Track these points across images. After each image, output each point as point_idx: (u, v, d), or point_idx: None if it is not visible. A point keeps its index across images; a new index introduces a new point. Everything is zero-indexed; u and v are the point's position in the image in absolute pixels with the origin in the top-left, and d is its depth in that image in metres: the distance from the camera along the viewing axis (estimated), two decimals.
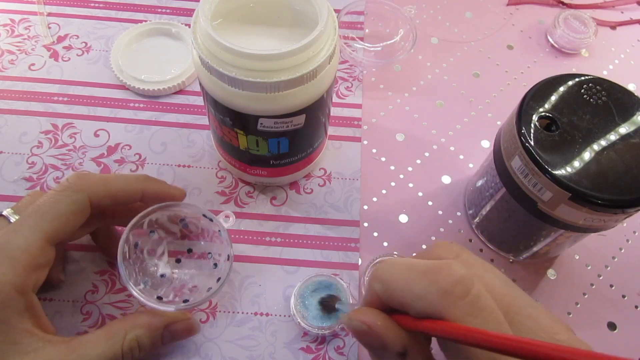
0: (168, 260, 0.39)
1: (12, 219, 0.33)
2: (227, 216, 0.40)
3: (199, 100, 0.49)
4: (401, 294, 0.23)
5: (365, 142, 0.48)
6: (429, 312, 0.22)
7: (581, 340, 0.24)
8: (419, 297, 0.22)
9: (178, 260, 0.40)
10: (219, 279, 0.37)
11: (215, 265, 0.39)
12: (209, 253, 0.40)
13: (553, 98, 0.35)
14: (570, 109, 0.34)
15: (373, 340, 0.23)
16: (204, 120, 0.48)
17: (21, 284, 0.30)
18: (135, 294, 0.34)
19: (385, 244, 0.44)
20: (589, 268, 0.43)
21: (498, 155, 0.37)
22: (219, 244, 0.39)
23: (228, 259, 0.37)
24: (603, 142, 0.33)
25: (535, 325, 0.23)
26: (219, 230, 0.38)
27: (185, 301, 0.36)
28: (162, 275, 0.39)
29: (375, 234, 0.44)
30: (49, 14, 0.54)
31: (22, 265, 0.30)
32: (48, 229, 0.31)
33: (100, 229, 0.39)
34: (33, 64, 0.50)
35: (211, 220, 0.38)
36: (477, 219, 0.44)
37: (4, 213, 0.34)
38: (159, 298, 0.36)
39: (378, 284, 0.24)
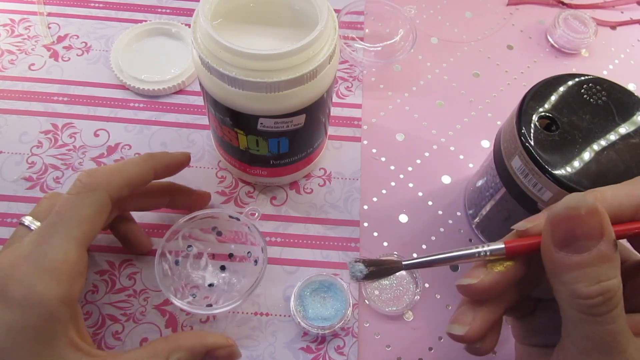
0: (213, 269, 0.40)
1: (34, 227, 0.33)
2: (252, 214, 0.42)
3: (199, 100, 0.49)
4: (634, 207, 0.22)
5: (365, 142, 0.48)
6: None
7: None
8: None
9: (222, 267, 0.41)
10: (257, 279, 0.38)
11: (256, 262, 0.40)
12: (249, 252, 0.41)
13: (553, 98, 0.35)
14: (570, 109, 0.34)
15: (595, 223, 0.22)
16: (204, 120, 0.48)
17: (67, 295, 0.29)
18: (183, 307, 0.36)
19: (385, 244, 0.44)
20: None
21: (498, 155, 0.37)
22: (252, 241, 0.40)
23: (262, 251, 0.38)
24: (603, 142, 0.33)
25: None
26: (249, 227, 0.39)
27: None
28: (210, 285, 0.40)
29: (375, 234, 0.44)
30: (49, 14, 0.54)
31: (65, 277, 0.29)
32: (79, 234, 0.30)
33: (118, 221, 0.39)
34: (33, 64, 0.50)
35: (238, 219, 0.39)
36: (477, 219, 0.44)
37: (25, 222, 0.33)
38: (209, 305, 0.38)
39: (601, 202, 0.23)
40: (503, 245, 0.24)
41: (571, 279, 0.22)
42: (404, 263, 0.27)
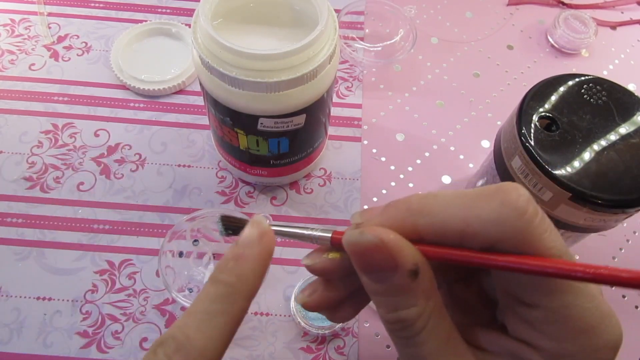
0: (214, 267, 0.40)
1: None
2: (264, 216, 0.41)
3: (199, 100, 0.49)
4: (464, 222, 0.20)
5: (365, 142, 0.48)
6: (505, 237, 0.19)
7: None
8: (492, 222, 0.19)
9: None
10: None
11: None
12: None
13: (553, 98, 0.35)
14: (571, 109, 0.34)
15: (384, 258, 0.20)
16: (204, 120, 0.48)
17: None
18: (178, 299, 0.36)
19: None
20: None
21: (498, 155, 0.37)
22: None
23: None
24: (603, 142, 0.33)
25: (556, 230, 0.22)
26: None
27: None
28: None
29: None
30: (49, 14, 0.54)
31: None
32: None
33: None
34: (33, 64, 0.50)
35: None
36: None
37: None
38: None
39: (424, 217, 0.20)
40: (329, 236, 0.24)
41: (375, 303, 0.22)
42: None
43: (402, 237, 0.20)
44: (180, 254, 0.39)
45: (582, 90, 0.35)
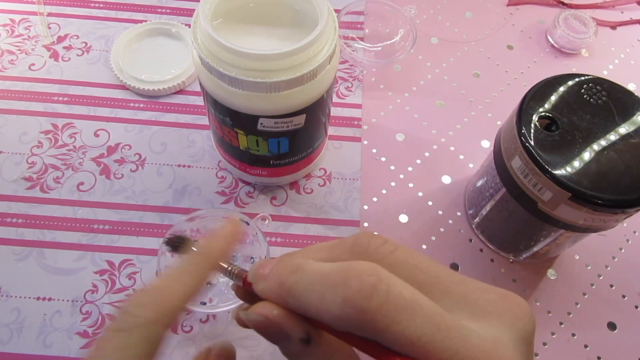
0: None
1: None
2: (263, 219, 0.41)
3: (199, 100, 0.49)
4: (318, 314, 0.20)
5: (365, 142, 0.48)
6: (357, 332, 0.19)
7: (517, 296, 0.22)
8: (339, 319, 0.19)
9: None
10: None
11: (253, 259, 0.40)
12: (252, 257, 0.41)
13: (553, 98, 0.35)
14: (570, 109, 0.34)
15: (273, 330, 0.22)
16: (204, 120, 0.48)
17: None
18: None
19: None
20: (589, 268, 0.43)
21: (498, 155, 0.37)
22: (258, 247, 0.40)
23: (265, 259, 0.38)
24: (603, 142, 0.33)
25: (466, 288, 0.21)
26: (256, 233, 0.39)
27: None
28: (208, 283, 0.39)
29: (376, 234, 0.44)
30: (49, 14, 0.54)
31: None
32: None
33: None
34: (33, 64, 0.50)
35: (248, 224, 0.39)
36: (477, 219, 0.44)
37: None
38: (203, 303, 0.38)
39: (292, 299, 0.21)
40: (239, 284, 0.25)
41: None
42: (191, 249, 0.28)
43: (286, 311, 0.21)
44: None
45: (582, 90, 0.35)
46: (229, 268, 0.25)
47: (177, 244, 0.30)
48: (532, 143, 0.33)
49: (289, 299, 0.21)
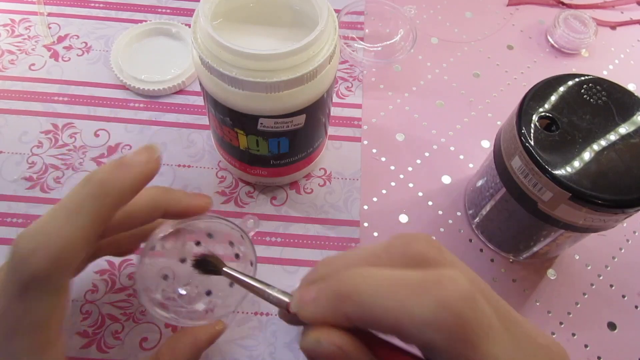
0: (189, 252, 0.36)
1: None
2: (249, 219, 0.39)
3: (199, 100, 0.49)
4: (396, 320, 0.18)
5: (365, 142, 0.48)
6: (441, 342, 0.17)
7: (559, 344, 0.21)
8: (428, 324, 0.17)
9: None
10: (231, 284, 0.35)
11: (237, 255, 0.37)
12: (237, 254, 0.38)
13: (553, 98, 0.35)
14: (570, 109, 0.34)
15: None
16: (204, 120, 0.48)
17: None
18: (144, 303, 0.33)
19: None
20: (589, 268, 0.43)
21: (498, 155, 0.37)
22: (244, 250, 0.37)
23: (252, 265, 0.35)
24: (603, 142, 0.33)
25: (522, 331, 0.20)
26: (241, 235, 0.37)
27: (208, 293, 0.35)
28: (164, 277, 0.36)
29: (375, 234, 0.44)
30: (49, 14, 0.54)
31: None
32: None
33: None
34: (33, 64, 0.50)
35: (233, 227, 0.36)
36: (477, 219, 0.44)
37: None
38: (181, 295, 0.35)
39: (352, 306, 0.19)
40: (286, 300, 0.24)
41: None
42: (224, 270, 0.28)
43: (355, 340, 0.20)
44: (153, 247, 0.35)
45: (582, 90, 0.35)
46: (265, 294, 0.24)
47: (206, 265, 0.28)
48: (532, 143, 0.33)
49: (351, 308, 0.19)
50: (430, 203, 0.46)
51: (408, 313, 0.18)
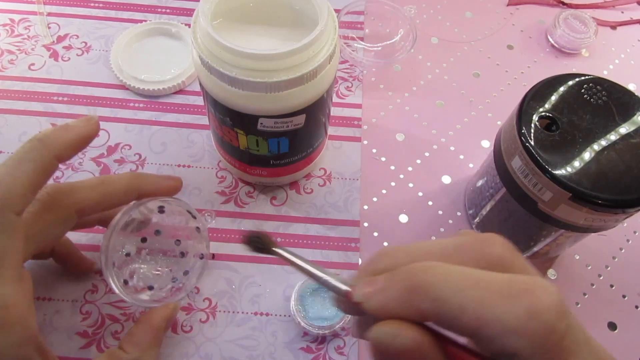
0: (134, 238, 0.37)
1: None
2: (209, 215, 0.41)
3: (199, 100, 0.49)
4: (478, 322, 0.17)
5: (365, 142, 0.48)
6: (525, 352, 0.17)
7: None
8: (513, 331, 0.16)
9: (144, 240, 0.38)
10: (186, 272, 0.38)
11: (183, 254, 0.38)
12: (178, 240, 0.39)
13: (553, 98, 0.35)
14: (571, 109, 0.34)
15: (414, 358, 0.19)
16: (204, 120, 0.48)
17: (24, 336, 0.27)
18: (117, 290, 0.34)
19: (385, 243, 0.44)
20: (589, 268, 0.43)
21: (498, 155, 0.37)
22: (193, 240, 0.39)
23: (202, 257, 0.37)
24: (603, 142, 0.33)
25: (597, 351, 0.19)
26: (197, 227, 0.38)
27: (150, 287, 0.36)
28: (127, 255, 0.37)
29: (375, 234, 0.44)
30: (49, 14, 0.54)
31: (13, 321, 0.26)
32: (10, 273, 0.27)
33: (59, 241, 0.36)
34: (33, 64, 0.50)
35: (195, 217, 0.38)
36: (477, 219, 0.44)
37: None
38: (125, 282, 0.35)
39: (428, 301, 0.18)
40: (346, 289, 0.22)
41: None
42: (274, 249, 0.27)
43: (431, 338, 0.19)
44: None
45: (582, 90, 0.35)
46: (322, 279, 0.22)
47: (257, 243, 0.28)
48: (532, 143, 0.33)
49: (427, 304, 0.18)
50: (430, 203, 0.46)
51: (494, 317, 0.17)
